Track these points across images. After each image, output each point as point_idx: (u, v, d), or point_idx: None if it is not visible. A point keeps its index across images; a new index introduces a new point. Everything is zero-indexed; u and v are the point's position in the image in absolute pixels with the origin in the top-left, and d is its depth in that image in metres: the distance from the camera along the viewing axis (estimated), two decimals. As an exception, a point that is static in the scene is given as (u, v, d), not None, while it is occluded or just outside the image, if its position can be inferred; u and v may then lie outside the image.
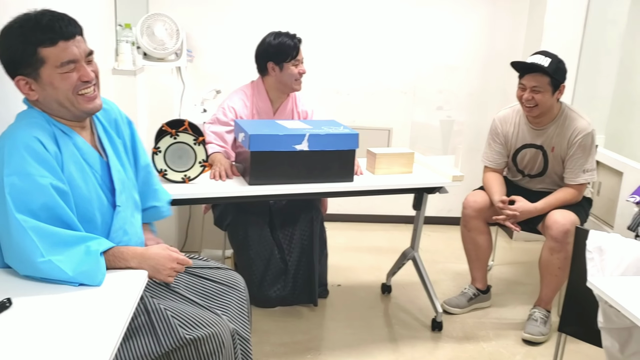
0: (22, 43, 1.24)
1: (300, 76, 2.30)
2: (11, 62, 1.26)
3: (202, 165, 1.98)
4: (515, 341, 2.31)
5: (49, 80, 1.27)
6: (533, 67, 2.23)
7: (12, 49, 1.25)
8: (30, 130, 1.25)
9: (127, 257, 1.31)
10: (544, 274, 2.32)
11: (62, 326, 1.07)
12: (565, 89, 2.30)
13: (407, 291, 2.69)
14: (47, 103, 1.30)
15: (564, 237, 2.19)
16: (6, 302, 1.12)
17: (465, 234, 2.48)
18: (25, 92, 1.28)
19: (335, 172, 2.07)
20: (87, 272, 1.21)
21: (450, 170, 2.22)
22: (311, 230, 2.35)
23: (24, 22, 1.25)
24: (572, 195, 2.33)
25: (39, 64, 1.25)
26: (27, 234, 1.18)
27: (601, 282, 1.36)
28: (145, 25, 2.67)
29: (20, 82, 1.27)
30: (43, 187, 1.21)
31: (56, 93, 1.28)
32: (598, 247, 1.50)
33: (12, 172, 1.19)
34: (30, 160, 1.21)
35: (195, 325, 1.39)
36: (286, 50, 2.27)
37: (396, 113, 3.46)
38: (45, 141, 1.25)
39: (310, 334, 2.30)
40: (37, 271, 1.20)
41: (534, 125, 2.38)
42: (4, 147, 1.22)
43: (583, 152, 2.30)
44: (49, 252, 1.19)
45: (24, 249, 1.19)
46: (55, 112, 1.32)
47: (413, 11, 3.34)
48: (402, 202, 3.33)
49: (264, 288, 2.33)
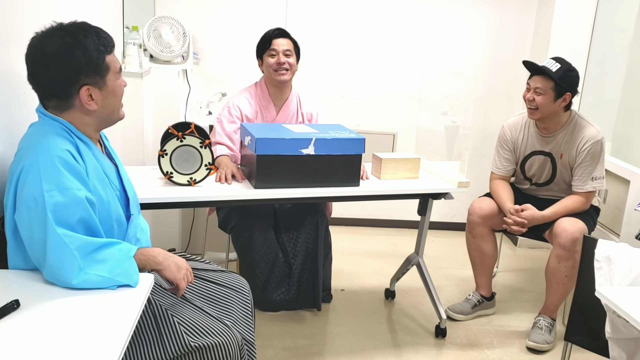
0: (95, 51, 1.25)
1: (278, 66, 2.27)
2: (78, 72, 1.24)
3: (208, 168, 1.98)
4: (520, 349, 2.30)
5: (112, 88, 1.30)
6: (539, 69, 2.25)
7: (84, 59, 1.23)
8: (60, 142, 1.24)
9: (153, 252, 1.32)
10: (551, 282, 2.30)
11: (69, 329, 1.06)
12: (570, 98, 2.27)
13: (411, 297, 2.68)
14: (101, 112, 1.30)
15: (572, 246, 2.18)
16: (14, 304, 1.11)
17: (471, 240, 2.47)
18: (86, 103, 1.27)
19: (342, 176, 2.06)
20: (123, 272, 1.21)
21: (455, 176, 2.22)
22: (316, 234, 2.34)
23: (85, 32, 1.25)
24: (580, 203, 2.32)
25: (105, 72, 1.28)
26: (68, 248, 1.18)
27: (609, 291, 1.35)
28: (152, 27, 2.67)
29: (84, 93, 1.26)
30: (80, 200, 1.21)
31: (114, 101, 1.32)
32: (606, 257, 1.49)
33: (52, 187, 1.18)
34: (66, 173, 1.20)
35: (201, 333, 1.39)
36: (262, 41, 2.31)
37: (401, 118, 3.46)
38: (74, 154, 1.25)
39: (313, 338, 2.29)
40: (78, 284, 1.19)
41: (542, 132, 2.38)
42: (37, 160, 1.20)
43: (592, 159, 2.29)
44: (86, 264, 1.19)
45: (63, 263, 1.18)
46: (99, 123, 1.33)
47: (419, 16, 3.34)
48: (406, 207, 3.33)
49: (268, 292, 2.33)
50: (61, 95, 1.27)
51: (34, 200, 1.18)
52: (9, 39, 1.48)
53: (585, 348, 1.72)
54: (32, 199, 1.18)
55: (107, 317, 1.12)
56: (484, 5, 3.34)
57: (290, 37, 2.32)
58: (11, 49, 1.50)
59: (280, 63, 2.26)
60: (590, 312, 1.58)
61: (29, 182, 1.19)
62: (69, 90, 1.26)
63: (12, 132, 1.46)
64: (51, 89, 1.27)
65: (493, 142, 2.58)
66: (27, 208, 1.19)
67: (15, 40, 1.52)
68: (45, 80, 1.26)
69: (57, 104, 1.28)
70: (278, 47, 2.27)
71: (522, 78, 3.44)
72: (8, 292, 1.17)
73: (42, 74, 1.25)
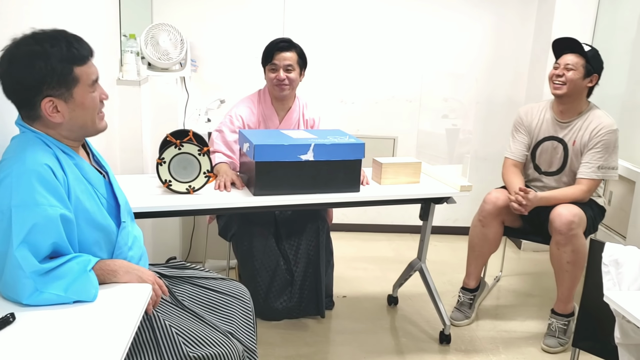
0: (60, 62, 1.19)
1: (278, 82, 2.24)
2: (40, 83, 1.19)
3: (206, 176, 1.95)
4: (526, 354, 2.26)
5: (80, 101, 1.24)
6: (572, 45, 2.29)
7: (45, 69, 1.18)
8: (39, 157, 1.20)
9: (115, 267, 1.28)
10: (556, 271, 2.28)
11: (66, 341, 1.04)
12: (596, 81, 2.32)
13: (414, 302, 2.65)
14: (70, 125, 1.26)
15: (568, 230, 2.16)
16: (9, 317, 1.10)
17: (479, 228, 2.43)
18: (49, 114, 1.22)
19: (341, 182, 2.04)
20: (79, 289, 1.17)
21: (458, 180, 2.19)
22: (317, 240, 2.31)
23: (53, 41, 1.20)
24: (579, 191, 2.29)
25: (72, 84, 1.22)
26: (23, 271, 1.14)
27: (618, 296, 1.32)
28: (150, 35, 2.66)
29: (47, 104, 1.21)
30: (51, 218, 1.17)
31: (84, 114, 1.26)
32: (614, 260, 1.46)
33: (21, 202, 1.14)
34: (40, 189, 1.16)
35: (200, 343, 1.36)
36: (265, 54, 2.28)
37: (401, 122, 3.44)
38: (55, 167, 1.21)
39: (315, 346, 2.25)
40: (30, 302, 1.16)
41: (559, 117, 2.38)
42: (11, 174, 1.16)
43: (603, 147, 2.27)
44: (42, 284, 1.16)
45: (17, 283, 1.15)
46: (69, 135, 1.28)
47: (417, 19, 3.32)
48: (407, 211, 3.30)
49: (270, 300, 2.30)
50: (26, 105, 1.23)
51: (1, 213, 1.14)
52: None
53: (594, 354, 1.68)
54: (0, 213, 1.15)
55: (104, 329, 1.09)
56: (483, 5, 3.33)
57: (296, 48, 2.28)
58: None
59: (280, 79, 2.24)
60: (599, 318, 1.55)
61: (0, 196, 1.16)
62: (32, 100, 1.21)
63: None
64: (16, 98, 1.23)
65: (494, 145, 2.56)
66: None
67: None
68: (9, 89, 1.22)
69: (26, 113, 1.25)
70: (279, 61, 2.24)
71: (524, 79, 3.44)
72: (3, 305, 1.15)
73: (6, 82, 1.22)
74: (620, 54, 2.98)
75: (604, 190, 2.66)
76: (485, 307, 2.64)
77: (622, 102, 2.98)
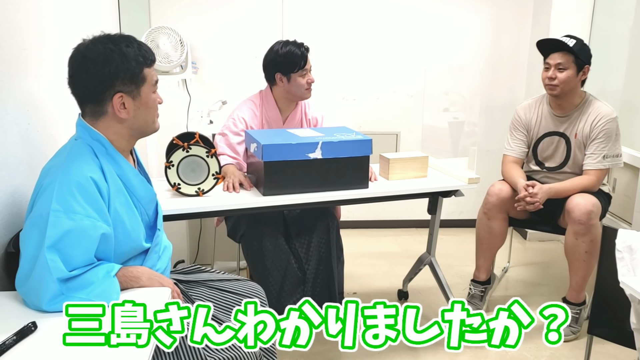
0: (134, 60, 1.28)
1: (309, 85, 2.28)
2: (114, 78, 1.26)
3: (215, 178, 1.95)
4: (539, 344, 2.27)
5: (145, 99, 1.32)
6: (558, 45, 2.26)
7: (121, 66, 1.26)
8: (85, 169, 1.23)
9: (137, 273, 1.30)
10: (572, 261, 2.27)
11: (88, 350, 1.04)
12: (589, 71, 2.31)
13: (424, 296, 2.66)
14: (131, 122, 1.31)
15: (588, 219, 2.15)
16: (31, 326, 1.10)
17: (484, 221, 2.43)
18: (117, 110, 1.29)
19: (350, 179, 2.04)
20: (102, 292, 1.19)
21: (465, 173, 2.19)
22: (328, 237, 2.31)
23: (127, 42, 1.29)
24: (589, 181, 2.29)
25: (141, 82, 1.30)
26: (51, 275, 1.15)
27: (634, 281, 1.33)
28: (150, 38, 2.65)
29: (117, 99, 1.27)
30: (85, 228, 1.20)
31: (147, 112, 1.33)
32: (628, 246, 1.46)
33: (59, 207, 1.17)
34: (80, 199, 1.20)
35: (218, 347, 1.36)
36: (293, 60, 2.24)
37: (403, 116, 3.44)
38: (99, 180, 1.24)
39: (328, 343, 2.22)
40: (50, 308, 1.17)
41: (556, 111, 2.37)
42: (55, 181, 1.20)
43: (605, 137, 2.27)
44: (68, 291, 1.17)
45: (42, 286, 1.16)
46: (128, 133, 1.33)
47: (416, 13, 3.33)
48: (413, 206, 3.31)
49: (282, 299, 2.30)
50: (95, 100, 1.28)
51: (40, 217, 1.17)
52: (10, 57, 1.46)
53: (609, 340, 1.69)
54: (38, 216, 1.18)
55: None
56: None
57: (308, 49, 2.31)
58: (12, 67, 1.48)
59: (310, 82, 2.26)
60: (614, 304, 1.56)
61: (41, 201, 1.19)
62: (103, 95, 1.27)
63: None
64: (87, 93, 1.28)
65: (496, 137, 2.57)
66: (31, 224, 1.18)
67: (16, 57, 1.50)
68: (81, 83, 1.27)
69: (92, 109, 1.29)
70: (308, 65, 2.26)
71: (524, 70, 3.45)
72: (25, 314, 1.15)
73: (79, 77, 1.27)
74: (619, 41, 3.00)
75: (607, 177, 2.67)
76: (495, 298, 2.65)
77: (623, 89, 2.99)
